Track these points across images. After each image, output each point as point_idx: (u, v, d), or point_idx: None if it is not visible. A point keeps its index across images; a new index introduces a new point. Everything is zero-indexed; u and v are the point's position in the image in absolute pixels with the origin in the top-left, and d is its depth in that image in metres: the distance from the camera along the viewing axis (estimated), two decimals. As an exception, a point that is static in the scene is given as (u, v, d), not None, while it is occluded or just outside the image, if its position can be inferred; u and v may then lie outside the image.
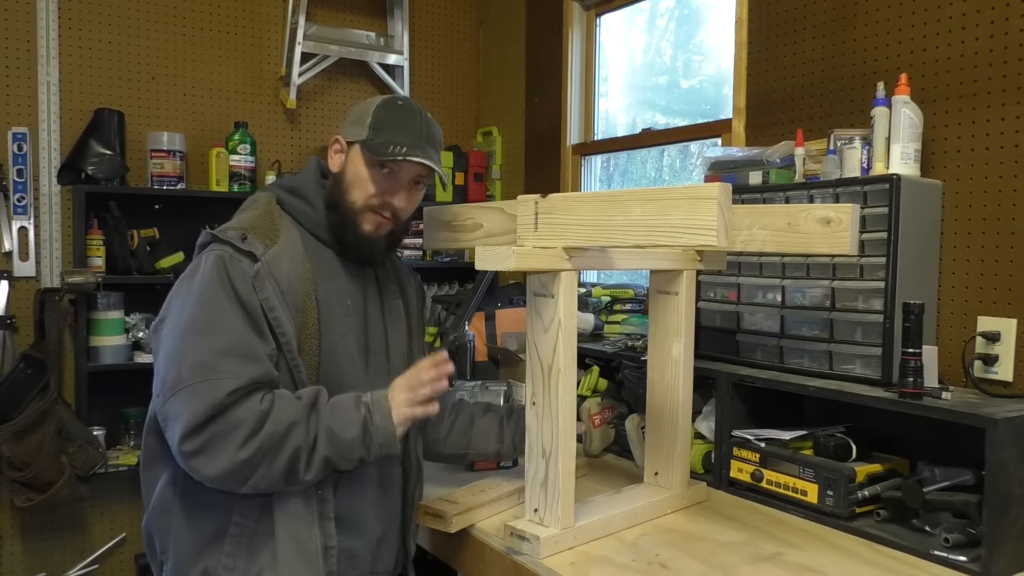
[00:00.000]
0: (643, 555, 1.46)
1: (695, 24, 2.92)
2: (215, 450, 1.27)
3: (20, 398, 2.63)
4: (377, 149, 1.45)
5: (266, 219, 1.44)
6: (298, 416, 1.32)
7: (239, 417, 1.27)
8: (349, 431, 1.34)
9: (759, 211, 1.54)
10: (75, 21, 2.91)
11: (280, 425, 1.29)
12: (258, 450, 1.28)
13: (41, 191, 2.85)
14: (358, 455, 1.36)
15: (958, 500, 1.46)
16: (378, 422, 1.36)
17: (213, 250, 1.38)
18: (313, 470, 1.33)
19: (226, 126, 3.15)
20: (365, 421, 1.36)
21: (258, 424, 1.28)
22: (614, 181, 3.25)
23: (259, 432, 1.28)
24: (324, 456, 1.33)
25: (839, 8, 2.07)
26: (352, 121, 1.51)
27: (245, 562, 1.36)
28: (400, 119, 1.49)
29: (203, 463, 1.27)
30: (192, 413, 1.26)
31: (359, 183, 1.47)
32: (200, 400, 1.26)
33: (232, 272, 1.35)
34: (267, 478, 1.30)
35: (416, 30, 3.59)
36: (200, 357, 1.29)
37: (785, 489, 1.68)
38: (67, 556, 2.93)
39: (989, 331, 1.72)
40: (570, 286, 1.43)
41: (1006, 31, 1.72)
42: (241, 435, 1.27)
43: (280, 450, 1.29)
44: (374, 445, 1.36)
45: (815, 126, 2.10)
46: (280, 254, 1.40)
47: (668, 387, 1.71)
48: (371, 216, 1.48)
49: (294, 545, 1.37)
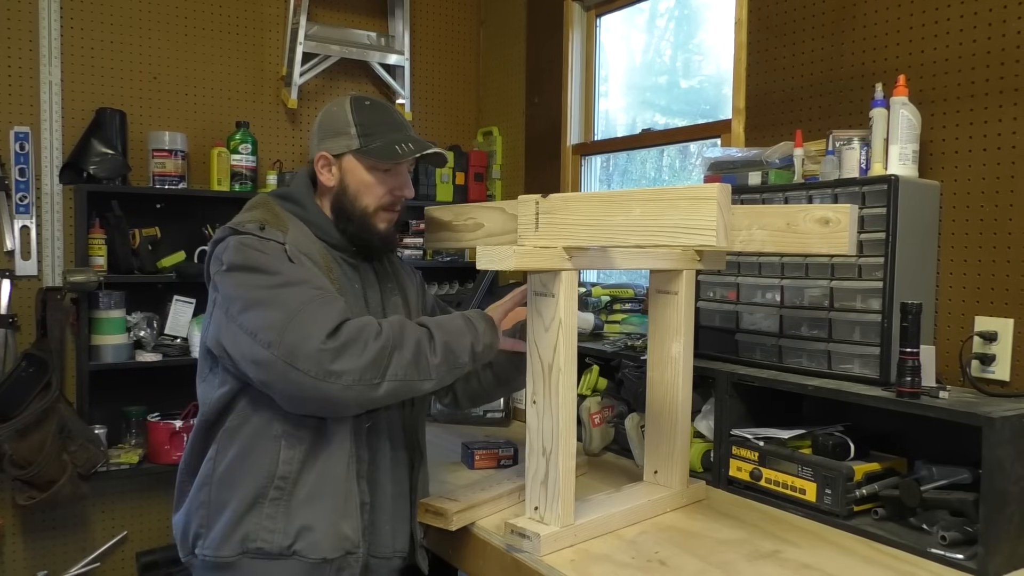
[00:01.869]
0: (642, 553, 1.47)
1: (695, 24, 2.93)
2: (355, 345, 1.33)
3: (22, 397, 2.64)
4: (386, 154, 1.52)
5: (271, 214, 1.52)
6: (403, 320, 1.43)
7: (362, 321, 1.37)
8: (454, 322, 1.46)
9: (758, 211, 1.55)
10: (77, 20, 2.91)
11: (395, 325, 1.40)
12: (388, 340, 1.36)
13: (43, 190, 2.86)
14: (468, 340, 1.44)
15: (955, 498, 1.47)
16: (473, 317, 1.49)
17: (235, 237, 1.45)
18: (438, 354, 1.40)
19: (227, 126, 3.15)
20: (464, 316, 1.49)
21: (377, 327, 1.37)
22: (614, 181, 3.26)
23: (382, 330, 1.37)
24: (443, 340, 1.42)
25: (838, 10, 2.08)
26: (330, 135, 1.56)
27: (285, 523, 1.43)
28: (382, 118, 1.56)
29: (348, 359, 1.32)
30: (324, 321, 1.33)
31: (367, 189, 1.54)
32: (325, 312, 1.34)
33: (268, 248, 1.43)
34: (402, 367, 1.36)
35: (417, 30, 3.60)
36: (296, 294, 1.36)
37: (784, 488, 1.69)
38: (69, 554, 2.94)
39: (986, 331, 1.73)
40: (570, 285, 1.44)
41: (1003, 33, 1.73)
42: (371, 331, 1.36)
43: (404, 341, 1.38)
44: (479, 331, 1.46)
45: (814, 127, 2.11)
46: (298, 238, 1.49)
47: (668, 386, 1.72)
48: (384, 214, 1.57)
49: (338, 500, 1.45)
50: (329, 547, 1.44)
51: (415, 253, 3.44)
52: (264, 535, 1.42)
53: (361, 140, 1.52)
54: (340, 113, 1.56)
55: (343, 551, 1.45)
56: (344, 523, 1.46)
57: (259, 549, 1.42)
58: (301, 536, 1.43)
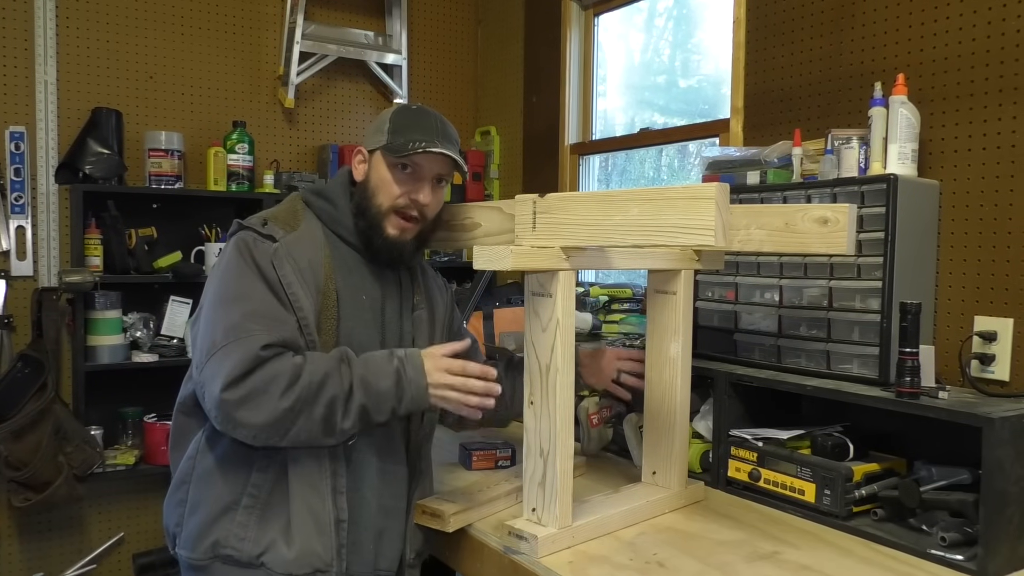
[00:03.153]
0: (641, 554, 1.46)
1: (693, 24, 2.93)
2: (257, 400, 1.31)
3: (18, 398, 2.63)
4: (397, 148, 1.50)
5: (288, 211, 1.54)
6: (331, 367, 1.37)
7: (276, 369, 1.33)
8: (383, 381, 1.39)
9: (757, 211, 1.55)
10: (73, 20, 2.91)
11: (316, 376, 1.34)
12: (297, 399, 1.32)
13: (39, 190, 2.85)
14: (390, 405, 1.40)
15: (955, 499, 1.46)
16: (411, 375, 1.41)
17: (238, 235, 1.48)
18: (351, 418, 1.37)
19: (224, 125, 3.15)
20: (398, 372, 1.40)
21: (295, 375, 1.33)
22: (612, 181, 3.25)
23: (296, 382, 1.33)
24: (360, 404, 1.37)
25: (837, 8, 2.07)
26: (372, 131, 1.57)
27: (256, 532, 1.41)
28: (416, 119, 1.55)
29: (247, 414, 1.31)
30: (231, 367, 1.31)
31: (383, 186, 1.53)
32: (237, 355, 1.32)
33: (254, 250, 1.43)
34: (307, 429, 1.34)
35: (414, 29, 3.59)
36: (231, 320, 1.36)
37: (783, 488, 1.68)
38: (65, 556, 2.93)
39: (986, 331, 1.73)
40: (568, 286, 1.44)
41: (1003, 31, 1.73)
42: (280, 385, 1.32)
43: (317, 399, 1.34)
44: (406, 397, 1.40)
45: (812, 126, 2.10)
46: (299, 239, 1.48)
47: (666, 386, 1.71)
48: (395, 219, 1.53)
49: (309, 516, 1.42)
50: (297, 563, 1.40)
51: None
52: (234, 542, 1.41)
53: (389, 137, 1.52)
54: (386, 113, 1.58)
55: (312, 568, 1.41)
56: (315, 540, 1.42)
57: (229, 556, 1.41)
58: (271, 548, 1.41)
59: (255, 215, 1.53)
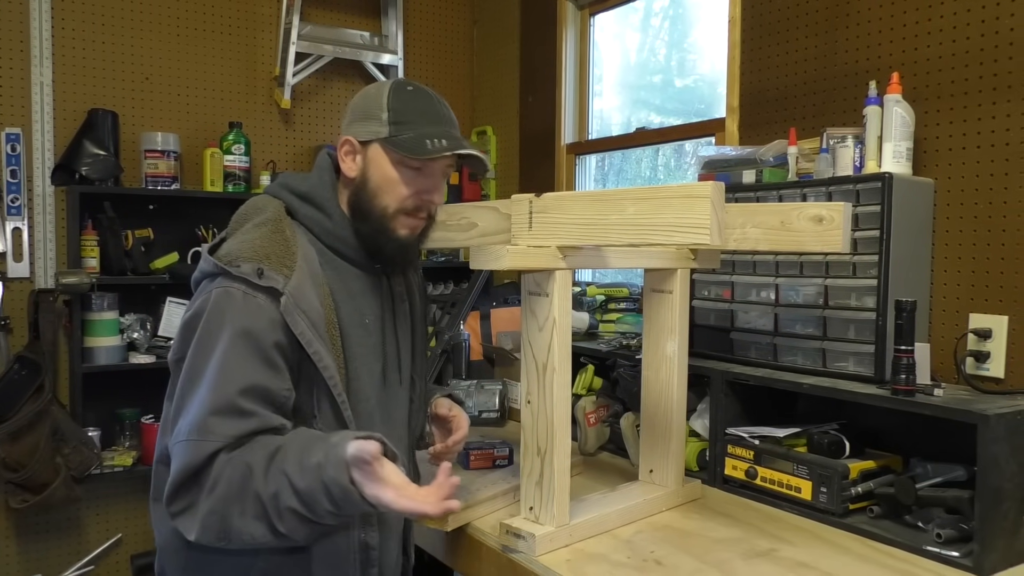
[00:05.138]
0: (638, 552, 1.47)
1: (689, 23, 2.93)
2: (189, 510, 1.16)
3: (15, 399, 2.63)
4: (411, 147, 1.29)
5: (278, 240, 1.27)
6: (257, 459, 1.14)
7: (212, 473, 1.15)
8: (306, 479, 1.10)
9: (752, 209, 1.55)
10: (68, 21, 2.90)
11: (238, 469, 1.13)
12: (219, 499, 1.13)
13: (35, 192, 2.84)
14: (325, 508, 1.11)
15: (950, 496, 1.47)
16: (332, 473, 1.09)
17: (223, 285, 1.22)
18: (285, 522, 1.12)
19: (220, 126, 3.14)
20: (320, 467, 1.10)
21: (220, 472, 1.14)
22: (609, 180, 3.25)
23: (220, 480, 1.14)
24: (289, 507, 1.11)
25: (831, 8, 2.08)
26: (360, 117, 1.34)
27: None
28: (419, 106, 1.34)
29: (183, 524, 1.16)
30: (176, 473, 1.16)
31: (389, 186, 1.32)
32: (184, 459, 1.16)
33: (248, 313, 1.20)
34: (248, 531, 1.13)
35: (410, 30, 3.59)
36: (195, 415, 1.17)
37: (779, 486, 1.69)
38: (63, 557, 2.93)
39: (981, 328, 1.73)
40: (565, 285, 1.44)
41: (996, 30, 1.74)
42: (206, 487, 1.15)
43: (243, 497, 1.12)
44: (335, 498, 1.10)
45: (808, 125, 2.11)
46: (302, 282, 1.25)
47: (663, 385, 1.71)
48: (405, 219, 1.34)
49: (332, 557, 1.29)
50: None
51: (410, 253, 3.43)
52: None
53: (391, 128, 1.30)
54: (376, 95, 1.34)
55: None
56: None
57: None
58: None
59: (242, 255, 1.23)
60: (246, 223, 1.32)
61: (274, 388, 1.21)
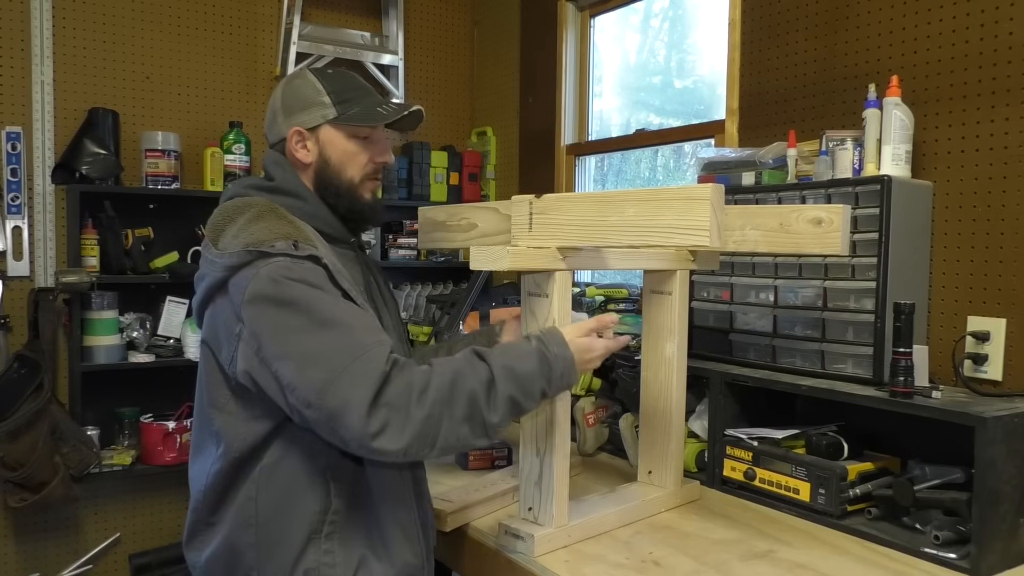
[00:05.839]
0: (637, 553, 1.47)
1: (688, 25, 2.93)
2: (394, 421, 1.19)
3: (14, 398, 2.63)
4: (366, 117, 1.43)
5: (288, 224, 1.33)
6: (459, 365, 1.26)
7: (405, 381, 1.21)
8: (526, 363, 1.28)
9: (751, 211, 1.56)
10: (69, 20, 2.90)
11: (445, 376, 1.23)
12: (434, 403, 1.21)
13: (35, 191, 2.84)
14: (539, 387, 1.28)
15: (948, 498, 1.47)
16: (555, 351, 1.30)
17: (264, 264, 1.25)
18: (499, 410, 1.25)
19: (221, 126, 3.14)
20: (540, 351, 1.29)
21: (425, 380, 1.22)
22: (608, 181, 3.26)
23: (428, 387, 1.21)
24: (507, 394, 1.25)
25: (831, 10, 2.08)
26: (300, 108, 1.44)
27: (343, 555, 1.34)
28: (351, 84, 1.47)
29: (390, 438, 1.19)
30: (363, 392, 1.18)
31: (350, 159, 1.45)
32: (362, 378, 1.19)
33: (305, 273, 1.26)
34: (454, 432, 1.23)
35: (411, 30, 3.59)
36: (339, 344, 1.21)
37: (778, 487, 1.69)
38: (61, 556, 2.93)
39: (979, 331, 1.74)
40: (564, 286, 1.44)
41: (995, 34, 1.74)
42: (414, 395, 1.20)
43: (454, 398, 1.22)
44: (554, 375, 1.29)
45: (807, 127, 2.11)
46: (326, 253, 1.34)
47: (662, 386, 1.72)
48: (368, 184, 1.48)
49: (396, 527, 1.38)
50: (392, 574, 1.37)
51: (409, 253, 3.44)
52: (325, 570, 1.33)
53: (338, 108, 1.41)
54: (305, 85, 1.44)
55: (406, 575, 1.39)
56: (407, 550, 1.39)
57: None
58: (362, 566, 1.35)
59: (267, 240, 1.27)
60: (237, 219, 1.34)
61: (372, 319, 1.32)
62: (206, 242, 1.35)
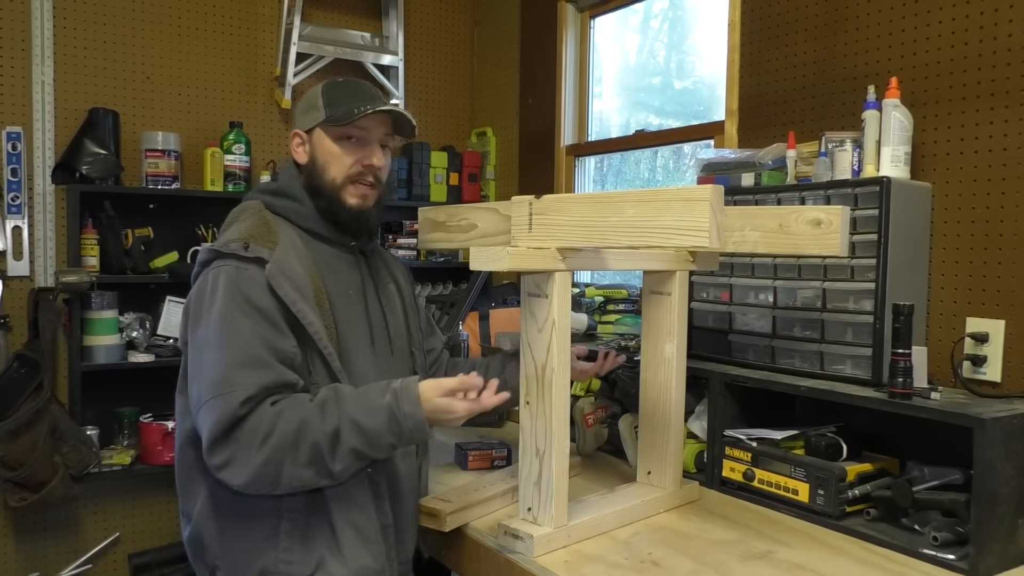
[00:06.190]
0: (636, 553, 1.47)
1: (688, 26, 2.94)
2: (238, 459, 1.29)
3: (14, 398, 2.63)
4: (342, 116, 1.48)
5: (261, 226, 1.45)
6: (308, 414, 1.31)
7: (254, 423, 1.30)
8: (375, 419, 1.33)
9: (751, 213, 1.56)
10: (70, 20, 2.90)
11: (291, 423, 1.30)
12: (275, 449, 1.29)
13: (35, 190, 2.85)
14: (387, 442, 1.34)
15: (947, 499, 1.48)
16: (407, 409, 1.33)
17: (217, 266, 1.39)
18: (341, 461, 1.32)
19: (221, 126, 3.15)
20: (391, 409, 1.33)
21: (271, 425, 1.30)
22: (608, 182, 3.26)
23: (272, 432, 1.29)
24: (350, 447, 1.31)
25: (830, 12, 2.09)
26: (302, 113, 1.56)
27: (302, 555, 1.40)
28: (349, 89, 1.54)
29: (230, 474, 1.30)
30: (212, 426, 1.29)
31: (333, 160, 1.51)
32: (217, 413, 1.29)
33: (241, 282, 1.36)
34: (297, 476, 1.31)
35: (411, 31, 3.60)
36: (214, 373, 1.32)
37: (777, 488, 1.69)
38: (60, 556, 2.93)
39: (978, 332, 1.74)
40: (564, 286, 1.44)
41: (995, 36, 1.74)
42: (258, 439, 1.29)
43: (297, 447, 1.30)
44: (403, 432, 1.34)
45: (807, 128, 2.11)
46: (284, 255, 1.41)
47: (661, 387, 1.72)
48: (353, 188, 1.52)
49: (352, 530, 1.42)
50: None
51: (409, 254, 3.44)
52: (283, 567, 1.38)
53: (327, 111, 1.50)
54: (313, 92, 1.56)
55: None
56: (364, 552, 1.42)
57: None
58: (320, 567, 1.39)
59: (226, 238, 1.42)
60: (233, 224, 1.49)
61: (281, 345, 1.36)
62: None
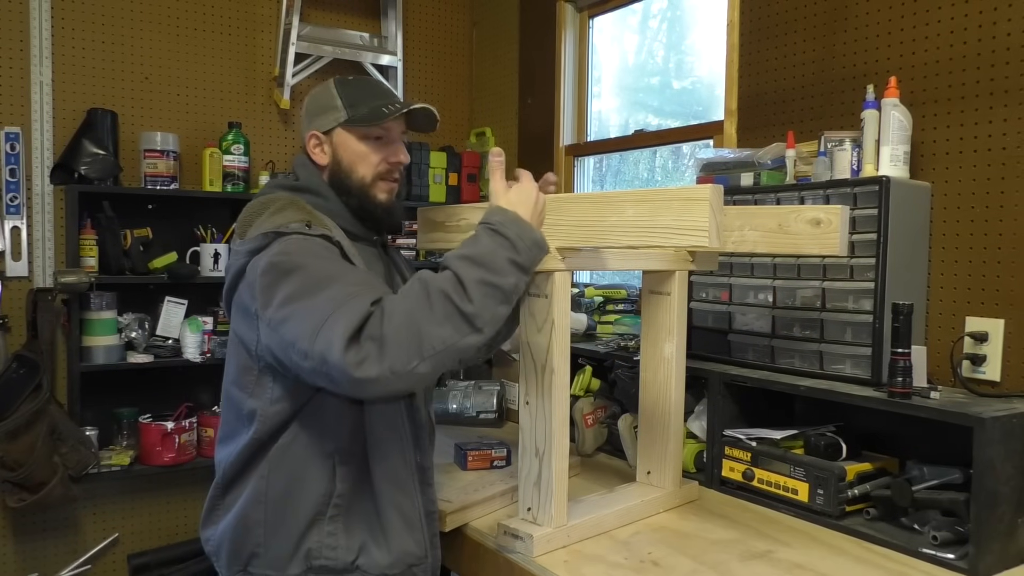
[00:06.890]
0: (635, 553, 1.47)
1: (687, 26, 2.94)
2: (375, 347, 1.19)
3: (13, 398, 2.62)
4: (371, 117, 1.48)
5: (308, 213, 1.42)
6: (425, 276, 1.27)
7: (386, 310, 1.22)
8: (478, 245, 1.29)
9: (750, 212, 1.56)
10: (68, 20, 2.90)
11: (413, 288, 1.25)
12: (405, 313, 1.21)
13: (34, 191, 2.84)
14: (504, 256, 1.28)
15: (946, 498, 1.48)
16: (497, 218, 1.33)
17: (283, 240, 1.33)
18: (473, 297, 1.23)
19: (220, 126, 3.14)
20: (484, 228, 1.32)
21: (396, 304, 1.23)
22: (607, 182, 3.26)
23: (397, 305, 1.22)
24: (475, 279, 1.24)
25: (830, 12, 2.09)
26: (318, 113, 1.52)
27: (346, 539, 1.41)
28: (367, 88, 1.55)
29: (371, 365, 1.18)
30: (342, 330, 1.18)
31: (361, 159, 1.51)
32: (344, 318, 1.20)
33: (314, 247, 1.34)
34: (438, 335, 1.21)
35: (410, 31, 3.59)
36: (329, 296, 1.24)
37: (776, 488, 1.69)
38: (60, 556, 2.93)
39: (977, 331, 1.74)
40: (563, 286, 1.44)
41: (993, 35, 1.74)
42: (386, 317, 1.21)
43: (428, 302, 1.22)
44: (511, 238, 1.30)
45: (806, 128, 2.11)
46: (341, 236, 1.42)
47: (660, 387, 1.72)
48: (382, 184, 1.53)
49: (397, 514, 1.43)
50: (389, 563, 1.41)
51: (408, 254, 3.44)
52: (327, 552, 1.39)
53: (348, 111, 1.49)
54: (325, 92, 1.54)
55: (405, 565, 1.43)
56: (407, 537, 1.43)
57: (323, 566, 1.40)
58: (363, 551, 1.41)
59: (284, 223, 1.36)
60: (263, 213, 1.42)
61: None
62: (235, 237, 1.43)
